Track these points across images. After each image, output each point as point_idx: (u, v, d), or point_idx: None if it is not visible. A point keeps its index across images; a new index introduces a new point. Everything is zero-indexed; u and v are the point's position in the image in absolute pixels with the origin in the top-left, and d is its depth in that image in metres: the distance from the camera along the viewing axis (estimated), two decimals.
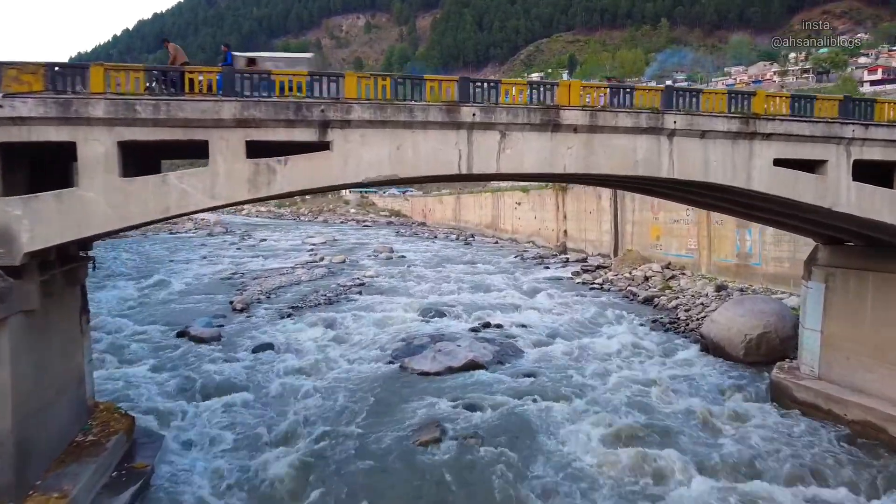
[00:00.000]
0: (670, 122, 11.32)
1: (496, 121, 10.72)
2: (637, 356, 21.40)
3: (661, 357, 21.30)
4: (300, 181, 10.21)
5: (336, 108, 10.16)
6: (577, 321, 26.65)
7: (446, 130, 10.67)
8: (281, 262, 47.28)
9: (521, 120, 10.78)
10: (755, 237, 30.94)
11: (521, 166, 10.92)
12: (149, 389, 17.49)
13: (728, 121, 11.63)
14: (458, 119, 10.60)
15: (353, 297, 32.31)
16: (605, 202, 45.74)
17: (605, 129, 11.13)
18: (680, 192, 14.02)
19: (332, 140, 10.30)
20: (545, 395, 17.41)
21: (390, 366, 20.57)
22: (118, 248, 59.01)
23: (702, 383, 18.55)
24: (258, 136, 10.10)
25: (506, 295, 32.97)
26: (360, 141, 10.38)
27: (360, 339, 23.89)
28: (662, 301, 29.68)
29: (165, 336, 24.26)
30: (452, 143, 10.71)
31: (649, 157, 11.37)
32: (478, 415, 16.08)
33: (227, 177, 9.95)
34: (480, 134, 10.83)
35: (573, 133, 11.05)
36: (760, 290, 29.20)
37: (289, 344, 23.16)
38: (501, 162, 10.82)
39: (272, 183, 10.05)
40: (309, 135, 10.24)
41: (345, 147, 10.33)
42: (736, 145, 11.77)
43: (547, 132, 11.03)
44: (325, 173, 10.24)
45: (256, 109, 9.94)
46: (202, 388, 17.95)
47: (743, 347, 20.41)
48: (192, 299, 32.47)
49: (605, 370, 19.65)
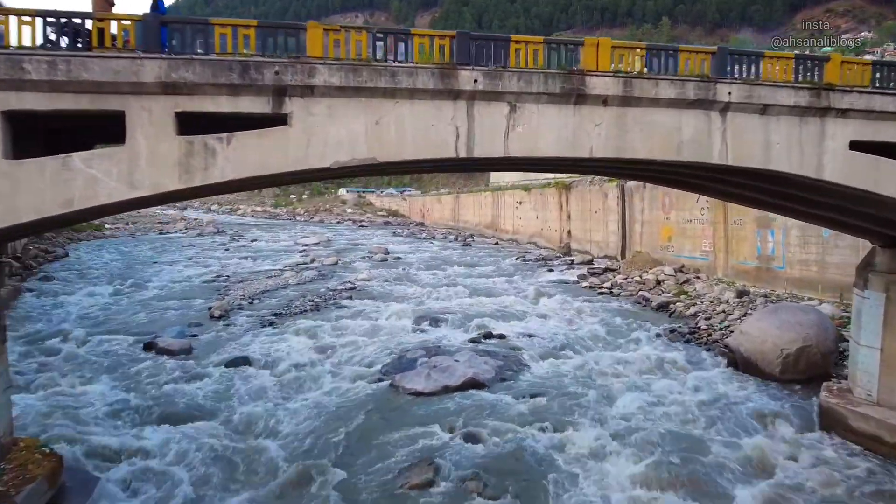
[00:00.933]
0: (724, 92, 8.93)
1: (504, 89, 8.33)
2: (658, 373, 18.99)
3: (686, 374, 18.87)
4: (249, 166, 7.78)
5: (295, 70, 7.77)
6: (586, 330, 24.23)
7: (440, 101, 8.27)
8: (270, 264, 44.84)
9: (535, 88, 8.39)
10: (778, 238, 28.62)
11: (535, 148, 8.51)
12: (94, 416, 15.05)
13: (795, 93, 9.23)
14: (455, 86, 8.20)
15: (342, 302, 29.88)
16: (611, 201, 43.47)
17: (643, 102, 8.75)
18: (729, 185, 11.50)
19: (291, 112, 7.90)
20: (557, 423, 15.00)
21: (379, 384, 18.14)
22: (101, 248, 56.63)
23: (736, 407, 16.10)
24: (192, 105, 7.71)
25: (508, 300, 30.56)
26: (328, 114, 7.96)
27: (346, 351, 21.44)
28: (679, 308, 27.26)
29: (130, 348, 21.82)
30: (447, 118, 8.30)
31: (697, 138, 8.97)
32: (478, 449, 13.66)
33: (151, 159, 7.53)
34: (484, 106, 8.43)
35: (602, 106, 8.65)
36: (785, 297, 26.88)
37: (267, 357, 20.73)
38: (511, 142, 8.42)
39: (211, 168, 7.64)
40: (260, 105, 7.84)
41: (307, 122, 7.92)
42: (804, 124, 9.37)
43: (569, 105, 8.64)
44: (282, 155, 7.83)
45: (189, 70, 7.53)
46: (159, 412, 15.52)
47: (779, 364, 17.98)
48: (170, 305, 30.04)
49: (624, 390, 17.25)
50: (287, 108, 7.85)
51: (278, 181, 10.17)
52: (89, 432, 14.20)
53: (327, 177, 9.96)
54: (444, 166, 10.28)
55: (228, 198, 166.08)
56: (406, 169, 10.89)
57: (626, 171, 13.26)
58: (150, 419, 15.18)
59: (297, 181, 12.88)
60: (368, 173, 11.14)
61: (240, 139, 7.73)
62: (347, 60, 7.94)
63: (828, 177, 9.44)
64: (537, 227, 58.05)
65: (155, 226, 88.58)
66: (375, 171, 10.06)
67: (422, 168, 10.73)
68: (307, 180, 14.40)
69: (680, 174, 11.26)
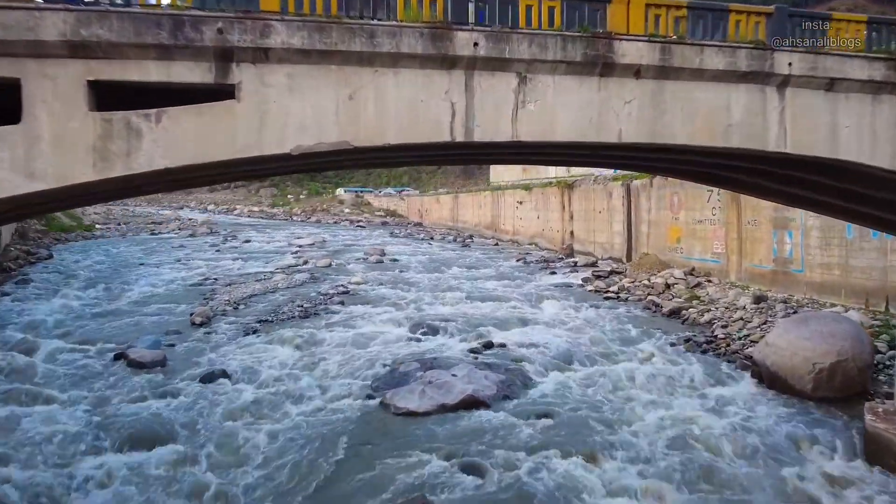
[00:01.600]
0: (783, 63, 7.23)
1: (512, 55, 6.62)
2: (677, 389, 17.27)
3: (707, 390, 17.17)
4: (185, 151, 6.06)
5: (244, 27, 6.03)
6: (594, 339, 22.47)
7: (431, 70, 6.55)
8: (260, 266, 43.11)
9: (551, 55, 6.68)
10: (797, 239, 26.96)
11: (550, 131, 6.79)
12: (41, 443, 13.28)
13: (869, 64, 7.48)
14: (450, 51, 6.47)
15: (333, 308, 28.14)
16: (616, 200, 41.87)
17: (684, 74, 7.04)
18: (792, 183, 9.65)
19: (240, 83, 6.17)
20: (568, 449, 13.27)
21: (369, 402, 16.42)
22: (88, 249, 54.84)
23: (767, 431, 14.37)
24: (110, 73, 5.98)
25: (509, 306, 28.84)
26: (287, 85, 6.24)
27: (334, 363, 19.71)
28: (692, 314, 25.55)
29: (100, 359, 20.09)
30: (440, 93, 6.58)
31: (749, 120, 7.25)
32: (478, 482, 11.95)
33: (56, 142, 5.81)
34: (486, 78, 6.71)
35: (633, 79, 6.95)
36: (805, 302, 25.21)
37: (248, 370, 18.99)
38: (520, 124, 6.69)
39: (135, 154, 5.91)
40: (199, 73, 6.11)
41: (260, 95, 6.19)
42: (878, 104, 7.67)
43: (592, 77, 6.92)
44: (228, 139, 6.11)
45: (104, 26, 5.79)
46: (118, 437, 13.79)
47: (811, 380, 16.24)
48: (150, 310, 28.32)
49: (641, 410, 15.54)
50: (234, 77, 6.13)
51: (226, 174, 8.42)
52: (35, 462, 12.47)
53: (290, 170, 8.24)
54: (436, 157, 8.52)
55: (225, 198, 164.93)
56: (389, 160, 9.03)
57: (660, 165, 11.25)
58: (105, 445, 13.46)
59: (250, 175, 11.12)
60: (341, 166, 9.41)
61: (173, 117, 6.01)
62: (312, 16, 6.21)
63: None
64: (538, 227, 56.42)
65: (147, 226, 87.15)
66: (350, 164, 8.31)
67: (409, 159, 8.99)
68: (263, 174, 12.55)
69: (726, 167, 9.45)
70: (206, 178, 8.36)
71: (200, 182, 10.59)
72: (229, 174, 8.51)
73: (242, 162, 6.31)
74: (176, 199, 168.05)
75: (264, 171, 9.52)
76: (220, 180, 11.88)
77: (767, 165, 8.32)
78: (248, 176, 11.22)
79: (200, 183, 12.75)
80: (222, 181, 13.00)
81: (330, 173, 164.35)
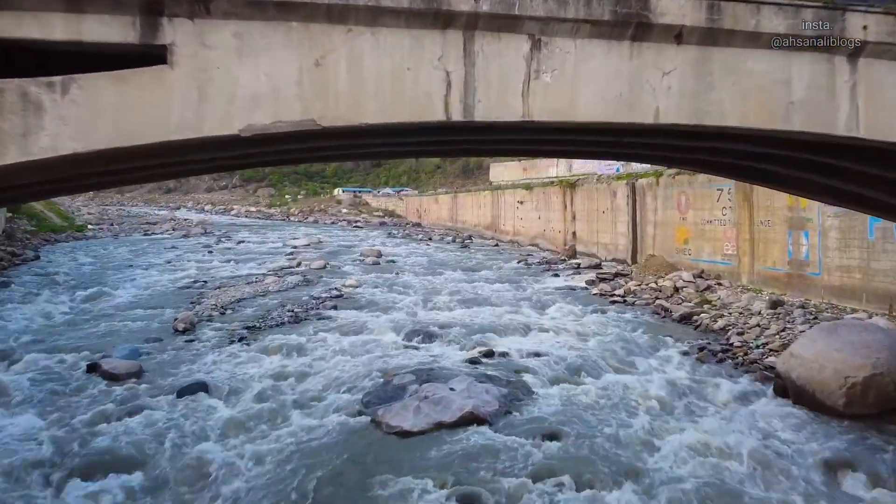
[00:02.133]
0: (856, 27, 5.84)
1: (523, 12, 5.22)
2: (694, 404, 15.90)
3: (728, 405, 15.80)
4: (100, 132, 4.65)
5: None
6: (602, 347, 21.09)
7: (420, 31, 5.14)
8: (252, 268, 41.85)
9: (572, 13, 5.28)
10: (814, 240, 25.65)
11: (570, 108, 5.39)
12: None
13: None
14: (445, 6, 5.07)
15: (325, 313, 26.79)
16: (620, 200, 40.62)
17: (735, 39, 5.65)
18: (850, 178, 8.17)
19: (172, 43, 4.77)
20: (580, 477, 11.89)
21: (359, 419, 15.01)
22: (78, 250, 53.55)
23: (799, 452, 12.99)
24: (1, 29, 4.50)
25: (510, 310, 27.50)
26: (236, 48, 4.85)
27: (324, 374, 18.33)
28: (704, 320, 24.18)
29: (72, 370, 18.70)
30: (432, 59, 5.19)
31: (814, 98, 5.85)
32: None
33: None
34: (490, 41, 5.29)
35: (674, 44, 5.55)
36: (825, 307, 23.86)
37: (229, 382, 17.61)
38: (533, 99, 5.30)
39: (35, 134, 4.52)
40: (119, 30, 4.70)
41: (200, 60, 4.80)
42: None
43: (623, 41, 5.53)
44: (158, 115, 4.71)
45: None
46: (76, 462, 12.43)
47: (843, 395, 14.83)
48: (133, 315, 26.99)
49: (657, 428, 14.15)
50: (166, 35, 4.74)
51: (158, 166, 6.89)
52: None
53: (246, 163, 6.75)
54: (427, 145, 7.01)
55: (222, 198, 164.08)
56: (369, 148, 7.40)
57: (700, 158, 9.44)
58: (62, 473, 12.05)
59: (193, 171, 9.46)
60: (309, 157, 7.84)
61: (85, 87, 4.62)
62: None
63: None
64: (540, 228, 55.18)
65: (141, 226, 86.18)
66: (319, 154, 6.77)
67: (394, 147, 7.37)
68: (208, 168, 10.71)
69: (773, 159, 7.96)
70: (131, 172, 6.86)
71: (133, 178, 9.03)
72: (166, 167, 7.05)
73: (178, 146, 4.87)
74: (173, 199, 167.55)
75: (209, 164, 7.99)
76: (157, 176, 10.33)
77: (830, 157, 6.89)
78: (191, 171, 9.64)
79: (119, 182, 11.03)
80: (160, 178, 11.33)
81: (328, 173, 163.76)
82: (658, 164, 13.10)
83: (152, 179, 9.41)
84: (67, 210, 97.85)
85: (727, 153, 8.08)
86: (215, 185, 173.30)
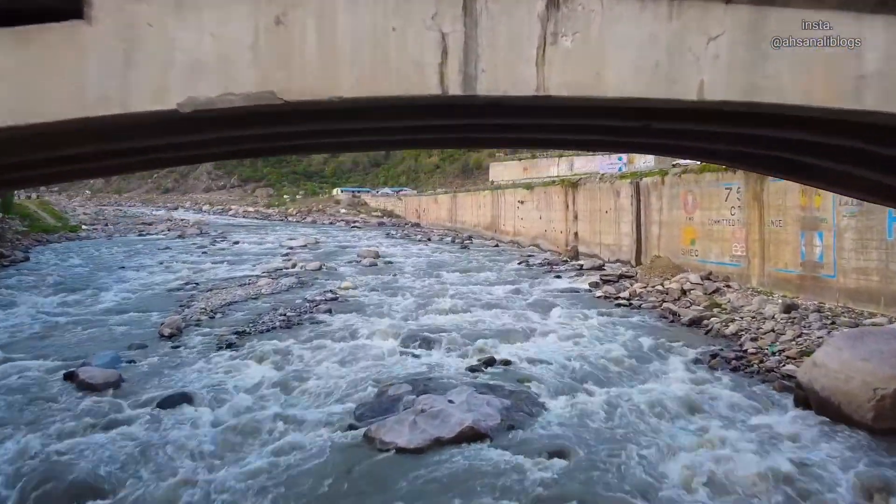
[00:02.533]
0: None
1: None
2: (710, 417, 14.81)
3: (746, 418, 14.72)
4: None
5: None
6: (609, 354, 20.04)
7: None
8: (246, 270, 40.86)
9: None
10: (828, 241, 24.61)
11: (595, 81, 4.31)
12: None
13: None
14: None
15: (319, 317, 25.76)
16: (624, 199, 39.59)
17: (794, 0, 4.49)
18: None
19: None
20: (588, 498, 10.88)
21: (350, 434, 13.95)
22: (70, 251, 52.60)
23: (828, 472, 11.91)
24: None
25: (512, 314, 26.52)
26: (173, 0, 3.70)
27: (315, 384, 17.28)
28: (714, 324, 23.12)
29: (47, 378, 17.66)
30: (424, 17, 4.09)
31: (889, 71, 4.74)
32: None
33: None
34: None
35: (722, 3, 4.42)
36: (841, 311, 22.81)
37: (214, 393, 16.55)
38: (549, 68, 4.21)
39: None
40: None
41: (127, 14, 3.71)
42: None
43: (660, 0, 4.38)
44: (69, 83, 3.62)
45: None
46: (37, 487, 11.30)
47: (872, 409, 13.75)
48: (119, 319, 25.98)
49: (673, 445, 13.06)
50: None
51: (76, 158, 5.70)
52: None
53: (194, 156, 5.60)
54: (419, 131, 5.76)
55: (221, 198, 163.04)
56: (345, 136, 6.01)
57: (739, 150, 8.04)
58: (33, 495, 10.98)
59: (123, 167, 8.24)
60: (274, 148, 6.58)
61: None
62: None
63: None
64: (541, 228, 54.19)
65: (137, 226, 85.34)
66: (285, 145, 5.58)
67: (377, 134, 6.05)
68: (145, 164, 9.36)
69: (833, 153, 6.76)
70: (55, 166, 5.64)
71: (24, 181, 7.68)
72: (90, 162, 5.86)
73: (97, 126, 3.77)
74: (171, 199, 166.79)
75: (144, 158, 6.68)
76: (80, 173, 9.01)
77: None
78: (125, 166, 8.34)
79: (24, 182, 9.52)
80: (85, 175, 9.85)
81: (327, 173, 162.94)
82: (688, 157, 11.77)
83: (80, 176, 8.13)
84: (62, 210, 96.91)
85: (772, 144, 6.91)
86: (213, 185, 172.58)
